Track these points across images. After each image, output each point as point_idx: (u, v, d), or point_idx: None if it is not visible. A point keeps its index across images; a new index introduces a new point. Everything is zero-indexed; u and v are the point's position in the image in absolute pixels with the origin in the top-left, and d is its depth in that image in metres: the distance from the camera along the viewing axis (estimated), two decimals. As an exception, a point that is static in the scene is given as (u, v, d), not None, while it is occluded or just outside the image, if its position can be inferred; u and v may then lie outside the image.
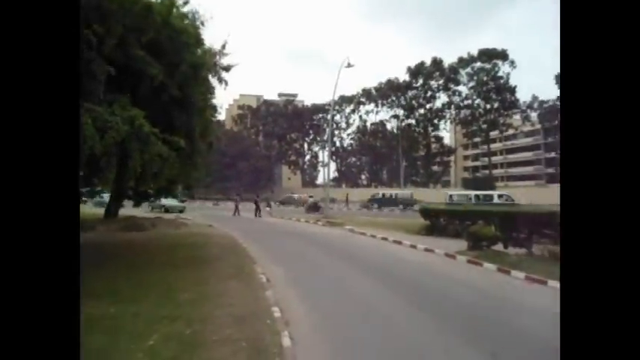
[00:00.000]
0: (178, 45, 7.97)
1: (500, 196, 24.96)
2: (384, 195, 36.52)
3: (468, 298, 6.23)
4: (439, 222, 13.94)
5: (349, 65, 20.95)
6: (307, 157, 69.79)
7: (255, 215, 23.95)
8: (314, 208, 28.77)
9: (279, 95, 73.52)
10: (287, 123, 62.53)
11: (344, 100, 61.42)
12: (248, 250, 10.53)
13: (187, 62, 8.16)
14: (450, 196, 26.85)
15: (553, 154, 54.27)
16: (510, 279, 7.60)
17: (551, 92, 58.67)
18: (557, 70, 71.97)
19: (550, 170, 56.59)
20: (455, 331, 4.73)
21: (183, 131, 8.42)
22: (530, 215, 10.69)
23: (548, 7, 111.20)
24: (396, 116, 58.09)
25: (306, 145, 67.60)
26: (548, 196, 41.09)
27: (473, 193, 26.95)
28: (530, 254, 9.17)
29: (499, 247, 9.97)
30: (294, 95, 73.58)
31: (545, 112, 50.59)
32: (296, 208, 35.18)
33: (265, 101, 67.55)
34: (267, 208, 26.60)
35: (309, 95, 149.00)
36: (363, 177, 69.07)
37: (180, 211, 24.35)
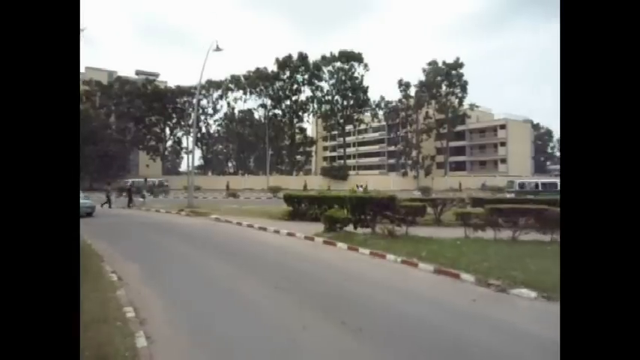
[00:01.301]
0: None
1: None
2: (146, 181, 38.86)
3: (323, 275, 7.00)
4: (301, 207, 15.06)
5: (218, 49, 20.13)
6: (169, 143, 63.84)
7: (129, 206, 22.34)
8: None
9: (137, 73, 64.61)
10: (146, 104, 55.40)
11: (211, 84, 58.35)
12: (94, 247, 9.25)
13: None
14: (519, 184, 25.04)
15: (393, 148, 63.94)
16: (358, 255, 8.80)
17: (394, 94, 68.37)
18: (400, 76, 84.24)
19: (391, 161, 66.69)
20: (312, 305, 5.27)
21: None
22: (375, 200, 12.46)
23: (399, 20, 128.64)
24: (263, 105, 58.55)
25: (168, 130, 61.64)
26: (389, 183, 48.98)
27: (540, 180, 26.14)
28: (374, 233, 10.72)
29: (350, 228, 11.38)
30: (156, 75, 65.87)
31: (390, 111, 59.05)
32: (156, 198, 32.09)
33: (119, 78, 58.22)
34: (141, 199, 23.69)
35: (173, 77, 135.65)
36: (230, 165, 67.49)
37: (89, 214, 17.25)
